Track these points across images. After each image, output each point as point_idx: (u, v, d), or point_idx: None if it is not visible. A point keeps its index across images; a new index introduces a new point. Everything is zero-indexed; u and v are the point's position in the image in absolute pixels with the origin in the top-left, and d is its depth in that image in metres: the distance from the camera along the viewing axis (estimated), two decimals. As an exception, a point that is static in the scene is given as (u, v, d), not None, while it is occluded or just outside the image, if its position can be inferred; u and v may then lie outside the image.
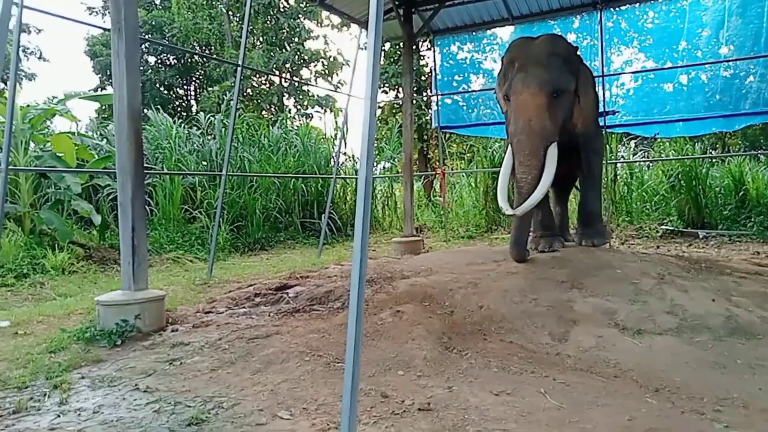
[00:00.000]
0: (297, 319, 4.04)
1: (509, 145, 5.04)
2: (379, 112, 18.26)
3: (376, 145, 13.53)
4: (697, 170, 10.17)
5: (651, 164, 12.07)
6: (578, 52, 5.32)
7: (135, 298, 3.97)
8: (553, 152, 4.77)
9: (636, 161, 12.22)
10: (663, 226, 10.05)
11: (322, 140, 12.84)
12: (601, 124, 7.33)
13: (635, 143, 15.21)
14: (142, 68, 20.88)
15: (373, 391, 2.67)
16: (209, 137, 11.46)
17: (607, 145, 10.19)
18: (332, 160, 12.24)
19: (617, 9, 8.39)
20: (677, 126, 8.40)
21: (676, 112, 8.36)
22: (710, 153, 13.41)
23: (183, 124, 11.88)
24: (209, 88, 18.76)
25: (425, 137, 17.77)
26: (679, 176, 10.34)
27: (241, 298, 4.86)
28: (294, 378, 2.93)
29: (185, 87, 22.68)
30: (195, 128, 11.88)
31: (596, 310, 3.69)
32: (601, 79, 8.07)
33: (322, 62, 20.15)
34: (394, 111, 18.67)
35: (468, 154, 16.51)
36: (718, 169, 10.97)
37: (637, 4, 8.21)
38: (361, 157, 2.06)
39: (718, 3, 7.98)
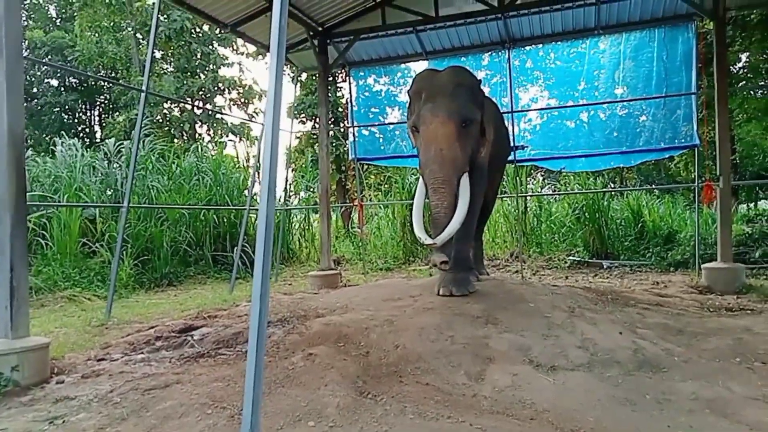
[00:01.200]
0: (201, 365, 3.73)
1: (421, 177, 4.99)
2: (296, 142, 18.06)
3: (293, 175, 13.31)
4: (600, 203, 10.75)
5: (558, 197, 12.65)
6: (481, 85, 5.33)
7: (12, 347, 3.51)
8: (465, 182, 4.74)
9: (543, 195, 12.78)
10: (570, 257, 10.48)
11: (235, 170, 12.44)
12: (511, 158, 7.61)
13: (542, 177, 15.98)
14: (41, 91, 19.58)
15: (280, 448, 2.45)
16: (116, 165, 10.79)
17: (517, 178, 10.59)
18: (246, 190, 11.87)
19: (524, 48, 8.78)
20: (580, 161, 8.84)
21: (579, 147, 8.79)
22: (610, 186, 14.28)
23: (87, 150, 11.12)
24: (115, 115, 17.84)
25: (343, 168, 17.74)
26: (584, 209, 10.88)
27: (139, 342, 4.46)
28: (193, 435, 2.66)
29: (89, 112, 21.47)
30: (102, 154, 11.14)
31: (511, 347, 3.67)
32: (510, 115, 8.39)
33: (237, 90, 19.73)
34: (311, 141, 18.54)
35: (385, 185, 16.64)
36: (618, 202, 11.64)
37: (541, 45, 8.63)
38: (262, 191, 1.91)
39: (614, 47, 8.53)
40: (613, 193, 11.69)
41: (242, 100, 19.91)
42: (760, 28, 9.49)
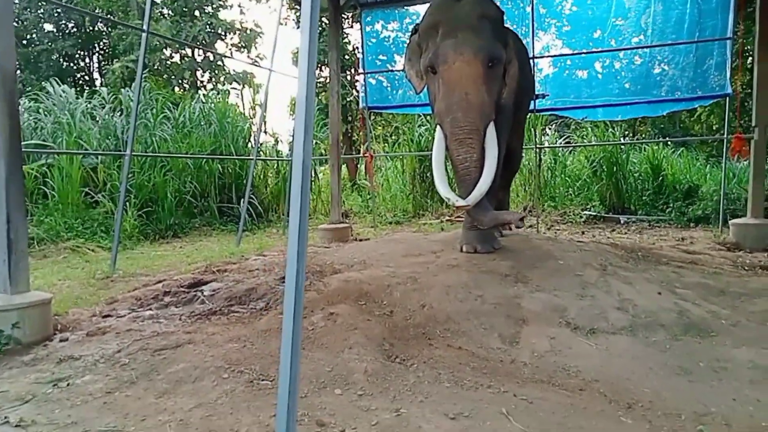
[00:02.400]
0: (213, 324, 3.50)
1: (438, 126, 4.34)
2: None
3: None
4: (617, 156, 10.37)
5: (573, 150, 12.25)
6: (504, 18, 4.66)
7: (12, 303, 3.28)
8: (492, 132, 4.16)
9: (559, 146, 12.35)
10: (586, 212, 10.19)
11: (240, 118, 12.02)
12: (531, 107, 7.21)
13: (555, 128, 15.50)
14: (37, 36, 18.90)
15: (306, 418, 2.22)
16: (117, 113, 10.40)
17: (533, 129, 10.19)
18: (251, 140, 11.50)
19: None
20: (602, 110, 8.43)
21: (600, 96, 8.39)
22: (628, 140, 13.84)
23: (85, 99, 10.71)
24: (114, 62, 17.23)
25: (350, 118, 17.25)
26: (601, 162, 10.51)
27: (147, 297, 4.22)
28: (209, 402, 2.43)
29: (87, 58, 20.80)
30: (100, 99, 10.73)
31: (545, 307, 3.42)
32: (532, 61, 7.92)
33: (238, 34, 18.98)
34: (318, 90, 17.98)
35: (393, 137, 16.19)
36: (636, 155, 11.25)
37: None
38: (296, 141, 1.59)
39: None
40: (630, 146, 11.26)
41: (243, 44, 19.17)
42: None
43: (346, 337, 2.99)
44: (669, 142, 12.82)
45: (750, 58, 8.26)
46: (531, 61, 7.43)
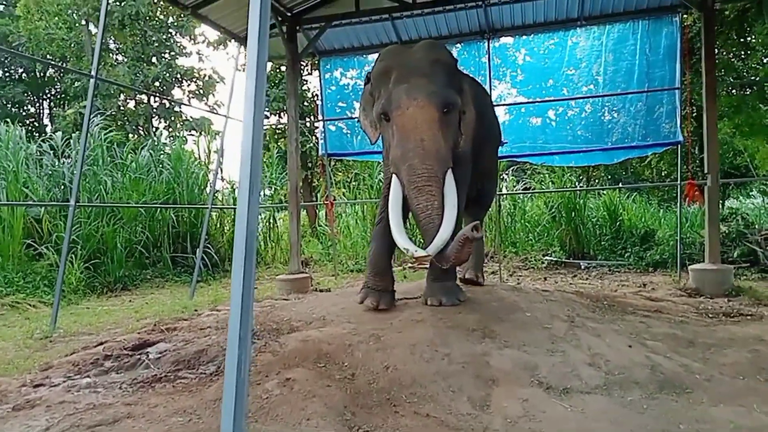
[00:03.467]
0: (157, 393, 3.18)
1: (393, 175, 4.10)
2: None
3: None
4: (575, 202, 10.51)
5: (533, 196, 12.39)
6: (458, 65, 4.51)
7: (-76, 376, 2.91)
8: (450, 179, 3.93)
9: (519, 193, 12.48)
10: (547, 257, 10.22)
11: (195, 165, 11.71)
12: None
13: (512, 173, 15.74)
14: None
15: None
16: (66, 159, 9.97)
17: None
18: (207, 187, 11.20)
19: (494, 45, 8.42)
20: (560, 157, 8.57)
21: (554, 143, 8.54)
22: (583, 186, 14.12)
23: (35, 144, 10.25)
24: (65, 108, 16.77)
25: (309, 164, 17.13)
26: (559, 208, 10.64)
27: (86, 362, 3.86)
28: (147, 492, 2.14)
29: (37, 104, 20.23)
30: (49, 147, 10.28)
31: (515, 365, 3.25)
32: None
33: (196, 82, 18.82)
34: (276, 136, 17.85)
35: (353, 183, 16.11)
36: (593, 201, 11.44)
37: (524, 36, 8.30)
38: (241, 189, 1.41)
39: (594, 40, 8.24)
40: (586, 191, 11.46)
41: (201, 91, 19.00)
42: (735, 24, 9.35)
43: (304, 406, 2.74)
44: (623, 188, 13.14)
45: (695, 108, 8.57)
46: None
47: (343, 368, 3.24)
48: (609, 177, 21.08)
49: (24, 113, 19.31)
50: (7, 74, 18.87)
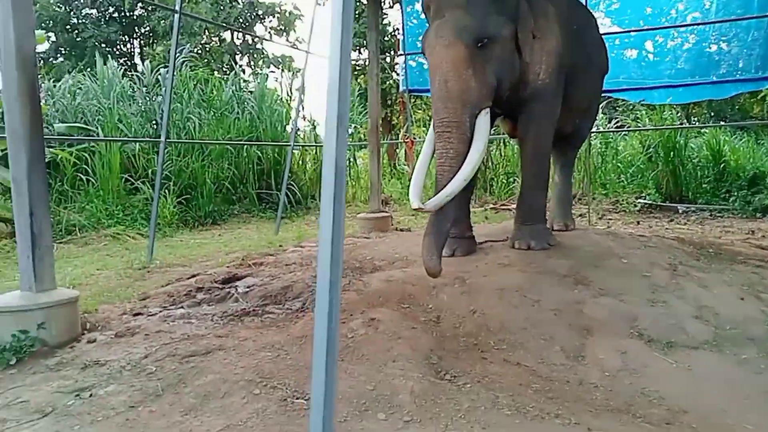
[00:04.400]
0: (246, 326, 3.26)
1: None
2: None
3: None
4: (675, 141, 9.72)
5: (626, 134, 11.60)
6: None
7: (37, 302, 3.10)
8: (483, 122, 3.59)
9: (612, 131, 11.70)
10: (640, 200, 9.61)
11: (278, 103, 11.80)
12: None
13: (603, 111, 14.75)
14: (81, 22, 19.08)
15: (345, 449, 1.95)
16: (156, 95, 10.30)
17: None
18: (290, 124, 11.28)
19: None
20: (660, 92, 7.85)
21: (652, 78, 7.85)
22: (684, 123, 13.06)
23: (127, 81, 10.65)
24: (154, 45, 17.26)
25: (389, 102, 16.86)
26: (657, 147, 9.89)
27: (180, 293, 4.03)
28: (238, 423, 2.18)
29: (129, 43, 20.96)
30: (140, 82, 10.65)
31: (612, 315, 3.05)
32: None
33: (278, 17, 18.72)
34: (355, 73, 17.63)
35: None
36: (695, 141, 10.54)
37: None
38: (328, 123, 1.29)
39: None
40: (688, 130, 10.55)
41: (282, 27, 18.92)
42: None
43: (390, 347, 2.70)
44: (727, 126, 12.02)
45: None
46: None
47: (427, 311, 3.17)
48: (712, 114, 19.38)
49: (117, 52, 20.07)
50: (99, 14, 19.55)
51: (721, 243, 5.10)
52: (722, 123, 12.89)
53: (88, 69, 10.62)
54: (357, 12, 16.55)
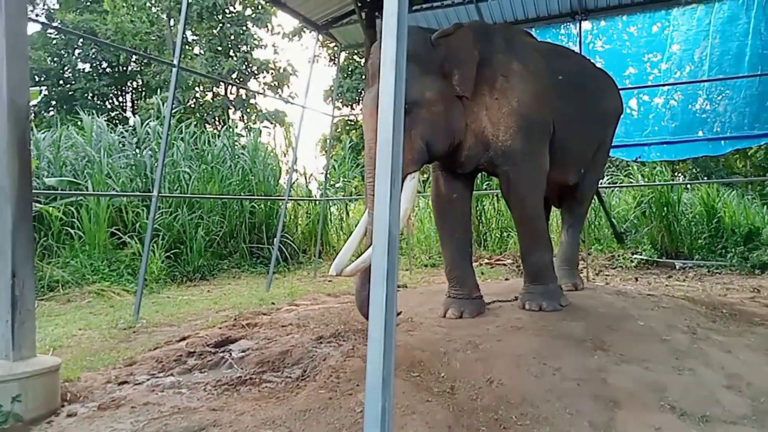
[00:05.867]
0: (243, 397, 3.00)
1: None
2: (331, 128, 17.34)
3: (330, 164, 12.55)
4: (668, 196, 9.73)
5: (618, 189, 11.62)
6: (443, 43, 3.67)
7: (14, 372, 2.83)
8: (408, 187, 3.39)
9: (604, 187, 11.70)
10: (636, 256, 9.52)
11: (271, 156, 11.77)
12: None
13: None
14: (73, 76, 19.18)
15: None
16: (146, 149, 10.17)
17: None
18: (283, 179, 11.21)
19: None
20: (659, 149, 7.89)
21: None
22: (676, 179, 13.15)
23: (117, 133, 10.55)
24: (147, 100, 17.34)
25: (381, 156, 16.95)
26: (650, 202, 9.89)
27: (169, 358, 3.75)
28: None
29: (121, 97, 21.08)
30: (130, 135, 10.55)
31: (638, 385, 2.84)
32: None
33: (272, 73, 19.00)
34: (347, 128, 17.79)
35: (425, 175, 15.76)
36: (686, 196, 10.57)
37: (617, 15, 7.68)
38: (380, 178, 1.12)
39: (695, 20, 7.54)
40: (682, 186, 10.58)
41: (276, 83, 19.18)
42: None
43: (404, 423, 2.46)
44: (714, 182, 12.10)
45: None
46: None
47: (440, 380, 2.94)
48: (698, 170, 19.68)
49: (109, 106, 20.15)
50: (92, 68, 19.70)
51: (733, 303, 4.95)
52: (727, 180, 12.98)
53: (78, 122, 10.50)
54: (350, 68, 16.87)
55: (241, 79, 18.33)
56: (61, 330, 5.23)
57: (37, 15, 18.69)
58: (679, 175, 19.21)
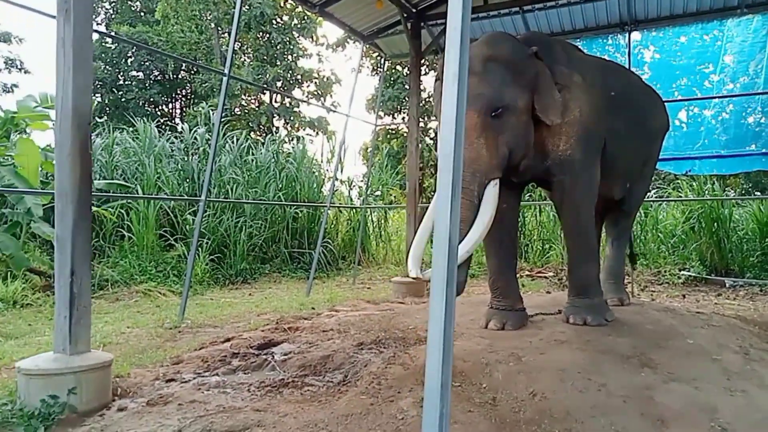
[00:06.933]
0: (285, 400, 3.05)
1: None
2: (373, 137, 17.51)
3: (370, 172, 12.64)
4: (718, 212, 9.42)
5: (666, 203, 11.32)
6: (538, 55, 3.80)
7: (70, 365, 2.96)
8: (492, 193, 3.45)
9: (651, 200, 11.43)
10: (684, 272, 9.23)
11: (314, 164, 11.96)
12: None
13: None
14: (126, 84, 19.90)
15: None
16: (193, 155, 10.48)
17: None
18: (325, 186, 11.36)
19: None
20: (712, 162, 7.67)
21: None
22: (728, 194, 12.72)
23: (166, 139, 10.92)
24: (195, 106, 17.86)
25: (421, 165, 16.96)
26: (699, 217, 9.59)
27: (214, 358, 3.85)
28: None
29: (171, 104, 21.75)
30: (179, 141, 10.89)
31: (687, 404, 2.76)
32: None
33: (315, 82, 19.31)
34: (389, 137, 17.89)
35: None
36: (740, 212, 10.21)
37: (668, 26, 7.52)
38: (441, 186, 1.15)
39: (752, 31, 7.32)
40: (734, 201, 10.24)
41: (319, 92, 19.47)
42: None
43: (445, 433, 2.45)
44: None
45: None
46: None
47: (482, 390, 2.92)
48: (750, 185, 18.99)
49: (159, 112, 20.82)
50: (146, 76, 20.42)
51: (787, 323, 4.76)
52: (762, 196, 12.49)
53: (131, 128, 10.90)
54: (393, 78, 16.97)
55: (286, 87, 18.67)
56: (111, 327, 5.42)
57: (97, 24, 19.48)
58: (730, 190, 18.59)
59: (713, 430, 2.57)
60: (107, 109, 18.92)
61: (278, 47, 18.51)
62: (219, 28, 18.75)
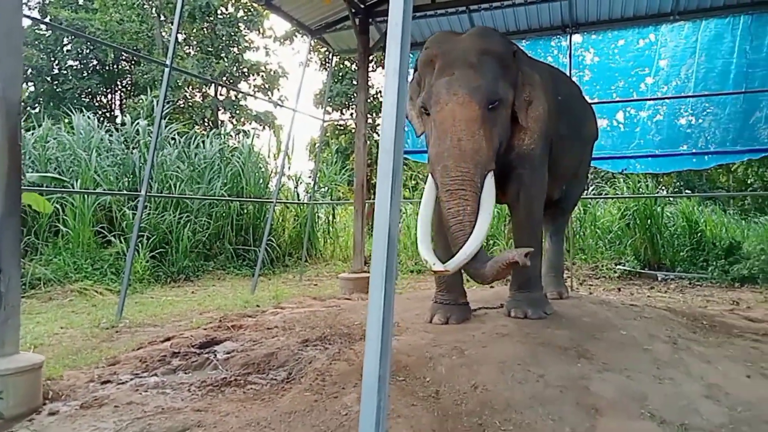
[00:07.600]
0: (227, 399, 3.00)
1: (430, 175, 3.66)
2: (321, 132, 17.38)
3: (317, 168, 12.57)
4: (652, 209, 9.88)
5: (603, 201, 11.77)
6: (516, 54, 3.95)
7: (-4, 368, 2.81)
8: (490, 184, 3.52)
9: (590, 198, 11.85)
10: (619, 267, 9.64)
11: (260, 159, 11.76)
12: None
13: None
14: (63, 73, 18.98)
15: None
16: (134, 149, 10.09)
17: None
18: (272, 182, 11.20)
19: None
20: (645, 162, 8.02)
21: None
22: (661, 192, 13.33)
23: (105, 131, 10.45)
24: (135, 99, 17.23)
25: (369, 161, 16.98)
26: (634, 214, 10.03)
27: (153, 358, 3.73)
28: None
29: (110, 95, 20.90)
30: (119, 134, 10.45)
31: (620, 393, 2.88)
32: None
33: (262, 75, 18.99)
34: (336, 132, 17.82)
35: (412, 182, 15.83)
36: (668, 209, 10.74)
37: (607, 30, 7.80)
38: (380, 182, 1.16)
39: (684, 38, 7.69)
40: (666, 199, 10.75)
41: (266, 86, 19.16)
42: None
43: (389, 427, 2.47)
44: (697, 196, 12.29)
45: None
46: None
47: (425, 384, 2.96)
48: (682, 183, 19.95)
49: (97, 104, 19.96)
50: (82, 65, 19.52)
51: (713, 315, 5.03)
52: (709, 194, 13.20)
53: (66, 120, 10.40)
54: (341, 73, 16.91)
55: (232, 81, 18.29)
56: (43, 328, 5.18)
57: (30, 9, 18.43)
58: (663, 188, 19.49)
59: (643, 417, 2.69)
60: (41, 99, 17.99)
61: (224, 39, 18.09)
62: (162, 17, 18.14)
